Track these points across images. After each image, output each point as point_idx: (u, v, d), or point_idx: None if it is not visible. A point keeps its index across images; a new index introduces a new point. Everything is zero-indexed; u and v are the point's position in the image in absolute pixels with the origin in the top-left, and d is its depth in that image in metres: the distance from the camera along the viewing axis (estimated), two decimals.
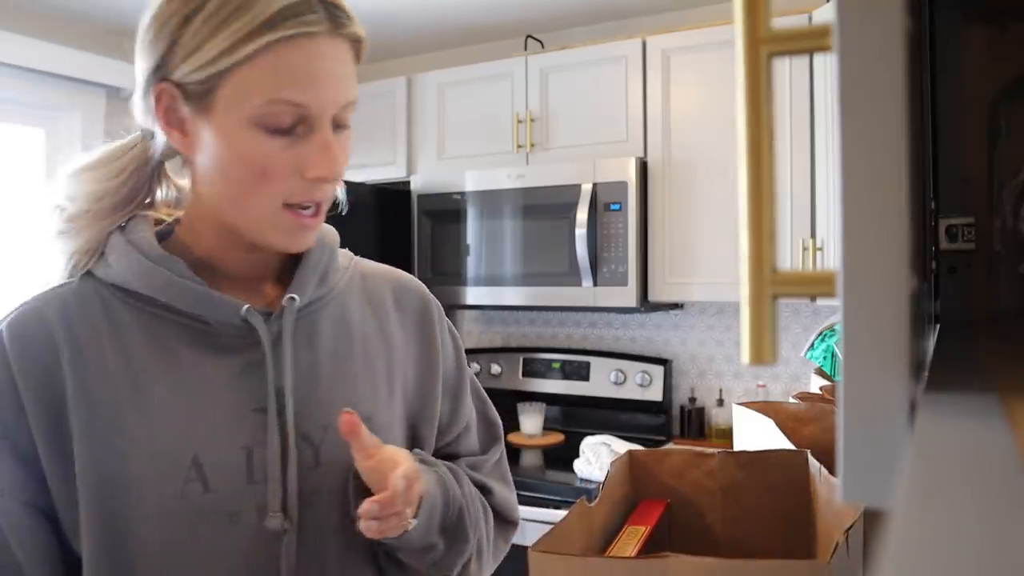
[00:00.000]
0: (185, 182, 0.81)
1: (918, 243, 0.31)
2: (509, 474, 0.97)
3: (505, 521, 0.92)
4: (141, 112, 0.74)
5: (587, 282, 2.47)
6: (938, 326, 0.56)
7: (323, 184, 0.70)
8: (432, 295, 0.92)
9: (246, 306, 0.74)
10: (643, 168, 2.51)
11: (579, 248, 2.44)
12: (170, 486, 0.68)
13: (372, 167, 2.94)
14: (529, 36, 2.94)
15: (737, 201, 0.27)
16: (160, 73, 0.70)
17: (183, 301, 0.73)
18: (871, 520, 0.67)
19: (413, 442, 0.86)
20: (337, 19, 0.68)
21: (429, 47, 3.20)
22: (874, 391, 0.25)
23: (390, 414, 0.81)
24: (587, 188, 2.47)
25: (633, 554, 0.67)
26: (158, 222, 0.80)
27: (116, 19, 2.96)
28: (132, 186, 0.78)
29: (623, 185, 2.45)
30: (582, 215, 2.44)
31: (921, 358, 0.32)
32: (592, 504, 0.74)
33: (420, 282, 0.93)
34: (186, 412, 0.71)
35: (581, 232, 2.43)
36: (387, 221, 2.77)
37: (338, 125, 0.71)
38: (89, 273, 0.76)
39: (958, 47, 0.57)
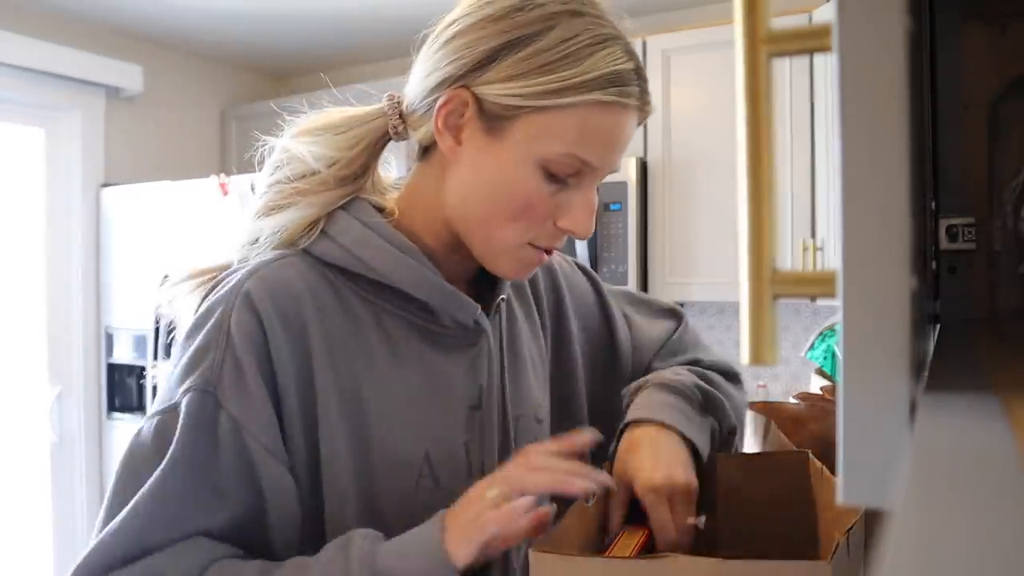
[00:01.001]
0: (389, 174, 0.82)
1: (918, 243, 0.31)
2: (700, 338, 1.00)
3: (730, 374, 0.95)
4: (418, 97, 0.73)
5: None
6: (938, 326, 0.56)
7: (570, 235, 0.72)
8: (558, 258, 0.94)
9: (479, 308, 0.76)
10: (643, 168, 2.51)
11: (579, 248, 2.44)
12: (407, 481, 0.71)
13: None
14: None
15: (737, 201, 0.27)
16: (463, 80, 0.70)
17: (430, 295, 0.73)
18: (871, 520, 0.67)
19: (561, 414, 0.88)
20: (645, 97, 0.71)
21: None
22: (874, 391, 0.25)
23: (546, 398, 0.86)
24: None
25: (631, 555, 0.67)
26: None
27: (116, 19, 2.96)
28: (363, 162, 0.76)
29: (623, 185, 2.45)
30: None
31: (921, 358, 0.32)
32: (591, 504, 0.74)
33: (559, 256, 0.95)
34: (417, 409, 0.72)
35: None
36: None
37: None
38: (304, 251, 0.72)
39: (958, 47, 0.57)
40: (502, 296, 0.79)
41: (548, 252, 0.74)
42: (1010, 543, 0.16)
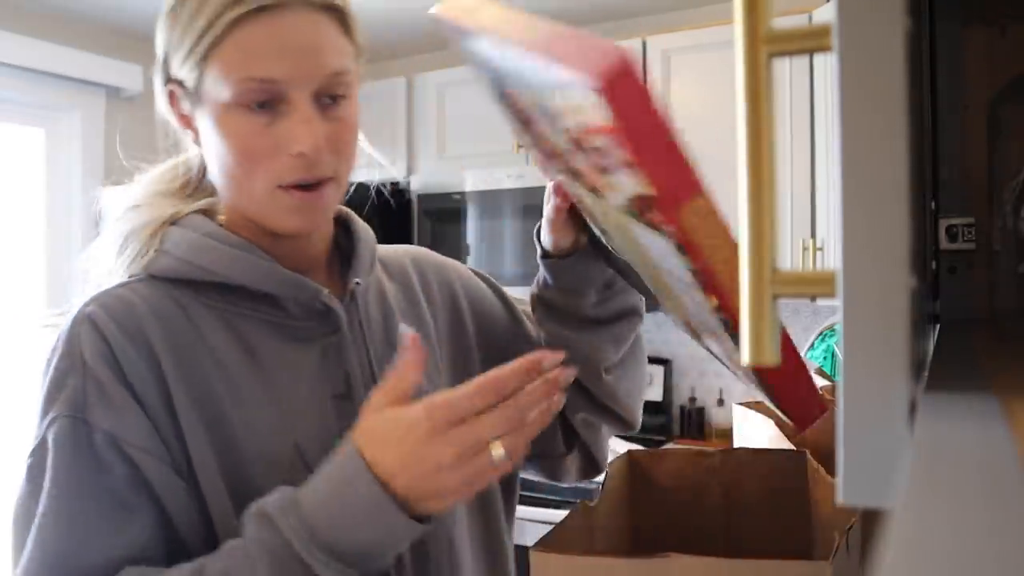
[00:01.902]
0: None
1: (918, 243, 0.31)
2: None
3: None
4: (170, 116, 0.76)
5: None
6: (938, 326, 0.56)
7: (314, 160, 0.68)
8: (418, 251, 0.95)
9: (325, 290, 0.73)
10: None
11: None
12: (280, 475, 0.68)
13: (371, 167, 2.94)
14: None
15: (737, 201, 0.27)
16: (165, 74, 0.72)
17: (265, 283, 0.72)
18: (870, 520, 0.67)
19: None
20: None
21: (429, 47, 3.20)
22: (874, 391, 0.25)
23: (442, 385, 0.82)
24: None
25: None
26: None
27: (116, 19, 2.96)
28: (185, 178, 0.80)
29: None
30: None
31: (921, 358, 0.32)
32: (592, 504, 0.74)
33: (431, 251, 0.95)
34: (279, 404, 0.71)
35: None
36: (387, 221, 2.77)
37: (331, 96, 0.70)
38: (149, 277, 0.73)
39: (958, 47, 0.57)
40: (356, 280, 0.77)
41: (308, 189, 0.70)
42: (1010, 543, 0.16)
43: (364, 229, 0.85)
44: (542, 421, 0.61)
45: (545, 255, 0.83)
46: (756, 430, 0.95)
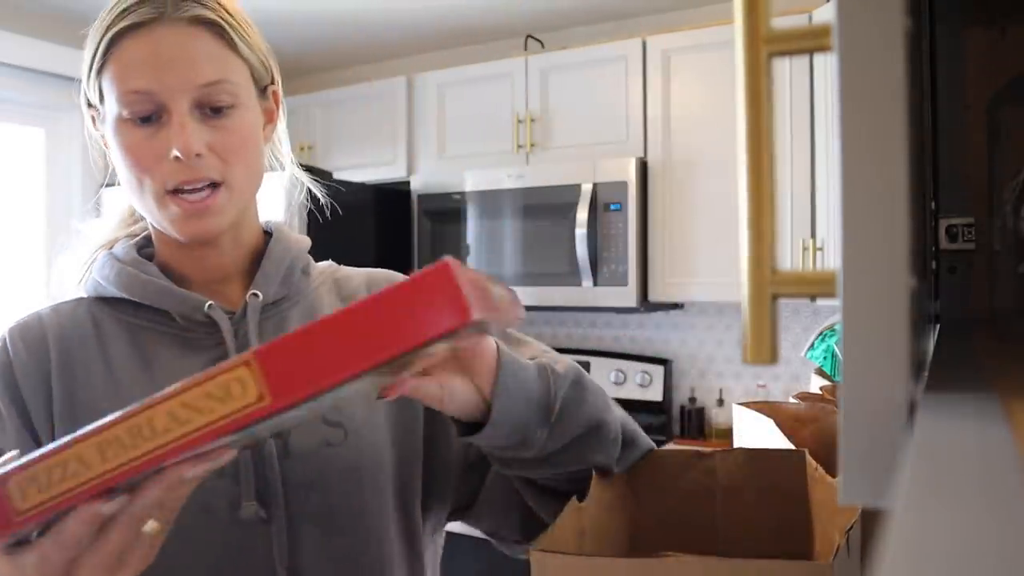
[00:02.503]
0: None
1: (918, 243, 0.31)
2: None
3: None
4: None
5: (587, 282, 2.47)
6: (938, 326, 0.56)
7: (191, 164, 0.71)
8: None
9: (209, 302, 0.76)
10: (643, 168, 2.51)
11: (579, 248, 2.44)
12: None
13: (372, 167, 2.94)
14: (529, 36, 2.94)
15: (737, 201, 0.27)
16: (85, 98, 0.80)
17: (151, 298, 0.77)
18: (870, 520, 0.67)
19: (404, 424, 0.82)
20: (179, 6, 0.72)
21: (429, 47, 3.20)
22: (874, 391, 0.25)
23: (364, 408, 0.79)
24: (587, 188, 2.47)
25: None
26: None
27: None
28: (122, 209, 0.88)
29: (623, 185, 2.45)
30: (582, 215, 2.44)
31: (921, 358, 0.32)
32: (592, 504, 0.74)
33: (399, 275, 0.89)
34: None
35: (581, 232, 2.43)
36: (387, 221, 2.77)
37: (212, 107, 0.73)
38: (82, 296, 0.82)
39: (958, 47, 0.57)
40: (253, 292, 0.79)
41: (208, 195, 0.73)
42: (1010, 543, 0.16)
43: (282, 243, 0.83)
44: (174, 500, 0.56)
45: (463, 432, 0.69)
46: (756, 430, 0.95)
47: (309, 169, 1.01)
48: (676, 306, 2.74)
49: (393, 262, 0.96)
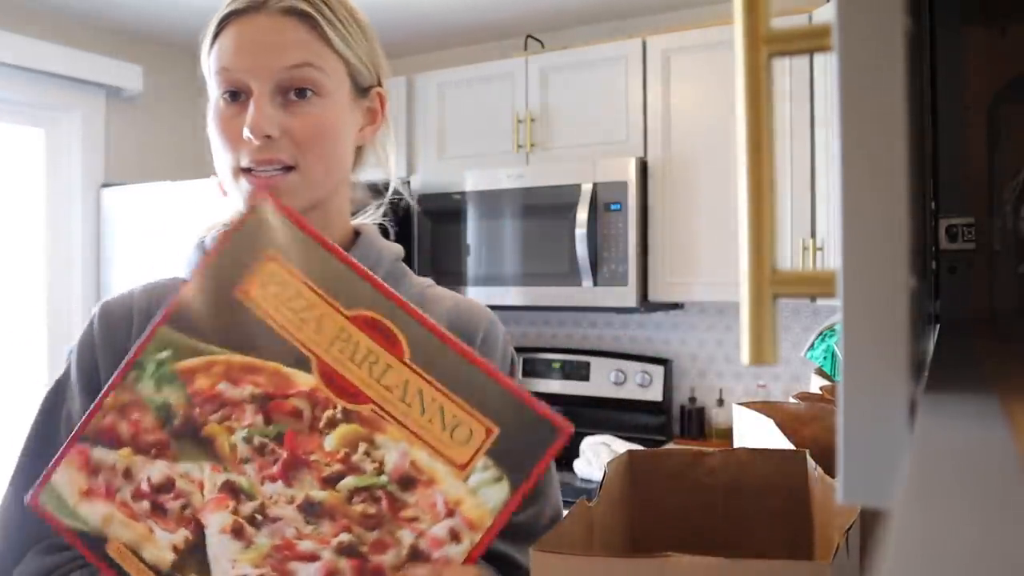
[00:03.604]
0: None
1: (918, 243, 0.31)
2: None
3: None
4: None
5: (587, 282, 2.47)
6: (938, 326, 0.56)
7: (267, 145, 0.75)
8: (493, 322, 0.91)
9: None
10: (643, 168, 2.51)
11: (579, 248, 2.44)
12: None
13: (371, 167, 2.94)
14: (529, 36, 2.94)
15: (737, 201, 0.27)
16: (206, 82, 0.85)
17: None
18: (869, 520, 0.67)
19: None
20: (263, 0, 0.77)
21: (429, 47, 3.20)
22: (874, 391, 0.25)
23: None
24: (587, 188, 2.47)
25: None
26: None
27: (116, 19, 2.96)
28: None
29: (623, 185, 2.45)
30: (582, 215, 2.44)
31: (921, 358, 0.32)
32: (592, 504, 0.74)
33: (481, 306, 0.92)
34: None
35: (581, 232, 2.43)
36: (387, 221, 2.76)
37: (298, 91, 0.76)
38: (179, 277, 0.87)
39: (958, 47, 0.57)
40: None
41: (272, 174, 0.76)
42: (1010, 543, 0.16)
43: (364, 247, 0.86)
44: None
45: None
46: (756, 430, 0.95)
47: None
48: (676, 306, 2.74)
49: None
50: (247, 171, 0.76)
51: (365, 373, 0.60)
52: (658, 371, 2.74)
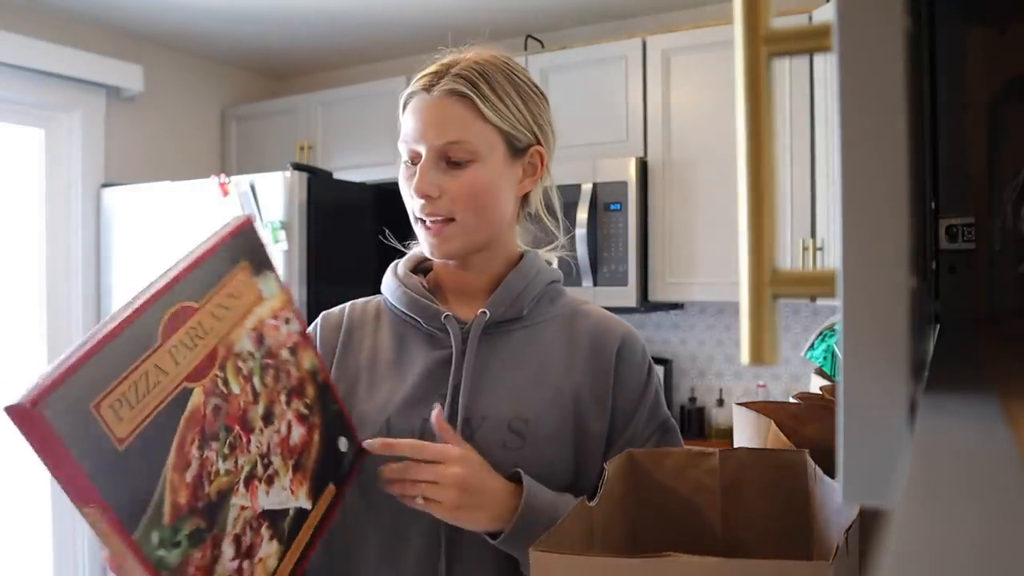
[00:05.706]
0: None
1: (918, 243, 0.31)
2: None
3: None
4: None
5: (587, 282, 2.47)
6: (938, 326, 0.56)
7: (430, 202, 0.93)
8: (629, 335, 1.03)
9: (446, 314, 0.97)
10: (643, 168, 2.51)
11: (579, 248, 2.44)
12: (369, 432, 0.93)
13: (372, 167, 2.94)
14: (529, 36, 2.94)
15: (737, 201, 0.27)
16: None
17: (406, 306, 1.00)
18: (869, 520, 0.67)
19: (576, 455, 0.96)
20: (434, 83, 0.94)
21: (429, 47, 3.20)
22: (874, 391, 0.25)
23: (549, 428, 0.94)
24: (587, 188, 2.47)
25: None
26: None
27: (116, 19, 2.96)
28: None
29: (623, 185, 2.45)
30: (582, 215, 2.44)
31: (921, 358, 0.32)
32: (592, 504, 0.74)
33: (619, 321, 1.04)
34: (391, 386, 0.97)
35: (581, 232, 2.43)
36: (387, 221, 2.76)
37: (452, 161, 0.93)
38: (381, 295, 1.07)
39: (958, 48, 0.57)
40: (482, 310, 0.97)
41: (439, 226, 0.94)
42: (1010, 543, 0.16)
43: (521, 272, 1.00)
44: None
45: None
46: (756, 430, 0.95)
47: (309, 169, 1.11)
48: (676, 306, 2.74)
49: (393, 262, 1.00)
50: (420, 220, 0.95)
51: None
52: (658, 371, 2.74)
